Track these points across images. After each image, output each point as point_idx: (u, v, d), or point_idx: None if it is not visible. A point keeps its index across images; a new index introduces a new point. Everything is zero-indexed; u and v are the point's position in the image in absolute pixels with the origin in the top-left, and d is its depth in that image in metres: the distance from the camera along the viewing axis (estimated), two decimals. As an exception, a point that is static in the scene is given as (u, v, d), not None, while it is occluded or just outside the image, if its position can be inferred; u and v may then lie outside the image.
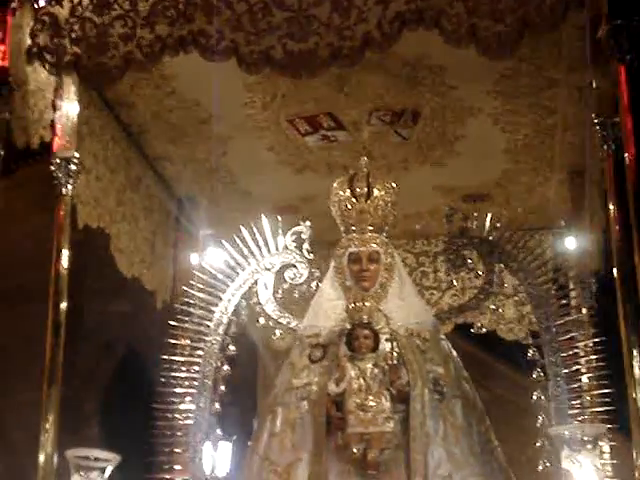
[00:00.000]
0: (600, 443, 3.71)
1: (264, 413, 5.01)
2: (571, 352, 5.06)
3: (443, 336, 5.13)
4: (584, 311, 5.66)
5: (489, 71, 5.21)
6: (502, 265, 5.27)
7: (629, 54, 3.83)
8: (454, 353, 5.08)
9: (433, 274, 7.05)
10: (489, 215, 5.30)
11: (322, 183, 6.25)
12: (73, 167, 4.72)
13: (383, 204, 5.03)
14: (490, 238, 5.28)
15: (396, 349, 4.75)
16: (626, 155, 3.92)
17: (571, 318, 5.16)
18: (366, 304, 4.87)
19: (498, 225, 5.29)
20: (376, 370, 4.68)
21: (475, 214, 5.34)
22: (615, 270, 4.23)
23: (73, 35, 4.36)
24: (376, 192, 5.03)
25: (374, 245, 5.01)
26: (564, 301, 5.21)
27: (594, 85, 4.46)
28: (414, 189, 6.14)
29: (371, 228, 5.02)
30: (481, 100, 5.50)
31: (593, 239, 5.92)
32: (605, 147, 4.32)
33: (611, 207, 4.28)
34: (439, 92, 5.43)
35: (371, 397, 4.59)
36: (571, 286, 5.63)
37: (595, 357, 5.05)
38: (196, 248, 6.65)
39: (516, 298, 5.65)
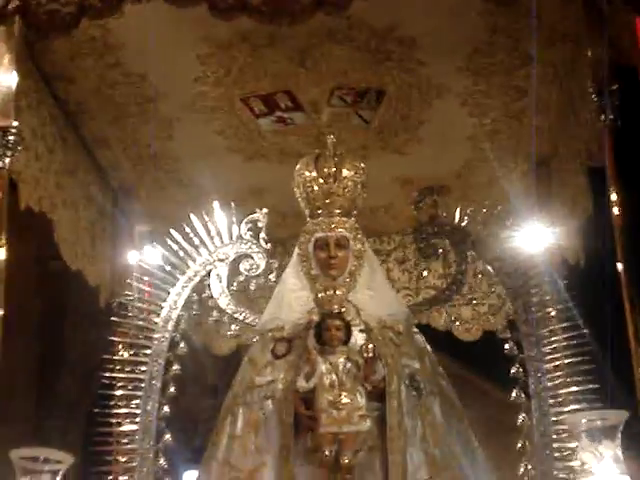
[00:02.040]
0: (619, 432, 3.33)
1: (222, 415, 4.52)
2: (552, 346, 4.74)
3: (416, 329, 4.75)
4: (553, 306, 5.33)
5: (462, 44, 4.87)
6: (476, 254, 4.95)
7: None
8: (428, 347, 4.69)
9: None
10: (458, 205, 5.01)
11: (272, 174, 5.90)
12: (11, 138, 4.19)
13: (352, 185, 4.62)
14: (462, 225, 4.96)
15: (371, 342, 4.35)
16: None
17: (548, 311, 4.85)
18: (337, 292, 4.44)
19: (469, 213, 4.98)
20: (349, 364, 4.25)
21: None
22: (621, 259, 3.92)
23: (20, -21, 3.87)
24: (345, 172, 4.61)
25: (342, 230, 4.59)
26: (541, 293, 4.91)
27: (589, 53, 4.16)
28: (370, 180, 5.75)
29: (339, 211, 4.60)
30: (451, 78, 5.13)
31: (565, 230, 5.61)
32: (603, 117, 4.01)
33: (612, 187, 3.96)
34: (407, 68, 5.04)
35: (345, 393, 4.15)
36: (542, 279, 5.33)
37: (576, 351, 4.74)
38: (134, 243, 6.14)
39: (471, 297, 5.33)
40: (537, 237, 5.63)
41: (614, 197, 3.97)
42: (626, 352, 4.13)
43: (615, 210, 3.96)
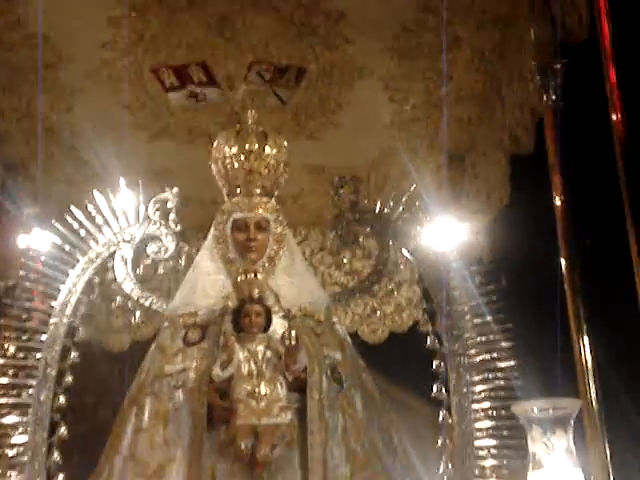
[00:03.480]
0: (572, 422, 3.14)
1: (126, 405, 4.14)
2: (473, 340, 4.55)
3: (336, 319, 4.49)
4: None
5: (391, 22, 4.68)
6: (396, 243, 4.74)
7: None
8: (348, 339, 4.43)
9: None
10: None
11: (178, 154, 5.59)
12: None
13: (275, 164, 4.31)
14: (385, 213, 4.73)
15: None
16: (613, 115, 3.29)
17: (470, 305, 4.67)
18: (257, 276, 4.15)
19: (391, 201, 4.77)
20: (269, 353, 3.95)
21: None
22: (562, 248, 3.79)
23: None
24: (268, 150, 4.30)
25: (263, 211, 4.28)
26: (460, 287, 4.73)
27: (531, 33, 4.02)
28: (280, 167, 5.49)
29: (260, 191, 4.29)
30: (375, 59, 4.95)
31: (479, 225, 5.48)
32: (545, 98, 3.86)
33: (555, 175, 3.81)
34: (332, 45, 4.83)
35: (264, 383, 3.84)
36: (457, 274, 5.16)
37: (496, 347, 4.56)
38: (23, 224, 5.68)
39: (381, 293, 5.14)
40: (451, 232, 5.52)
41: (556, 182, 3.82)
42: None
43: (557, 200, 3.81)
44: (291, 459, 3.86)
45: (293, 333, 3.97)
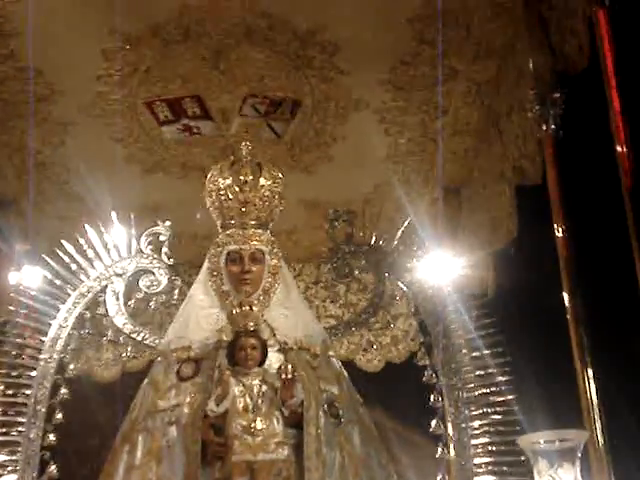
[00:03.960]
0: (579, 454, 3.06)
1: (118, 443, 4.05)
2: (473, 374, 4.48)
3: (332, 353, 4.41)
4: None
5: (387, 54, 4.65)
6: (392, 276, 4.68)
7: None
8: (345, 373, 4.36)
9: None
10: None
11: (172, 188, 5.53)
12: None
13: (270, 195, 4.25)
14: (380, 245, 4.68)
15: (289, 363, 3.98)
16: (618, 147, 3.21)
17: (468, 338, 4.61)
18: (253, 309, 4.07)
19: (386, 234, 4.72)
20: (264, 387, 3.86)
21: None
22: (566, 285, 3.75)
23: None
24: (262, 181, 4.24)
25: (258, 243, 4.21)
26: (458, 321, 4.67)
27: (531, 64, 4.00)
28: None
29: (254, 223, 4.22)
30: (371, 91, 4.92)
31: (478, 258, 5.43)
32: (545, 127, 3.82)
33: (556, 206, 3.77)
34: (327, 77, 4.79)
35: (260, 418, 3.76)
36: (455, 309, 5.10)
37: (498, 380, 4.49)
38: (15, 262, 5.61)
39: (377, 325, 5.08)
40: (448, 265, 5.46)
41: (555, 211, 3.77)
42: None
43: (558, 231, 3.77)
44: (287, 496, 3.79)
45: (289, 367, 3.91)
